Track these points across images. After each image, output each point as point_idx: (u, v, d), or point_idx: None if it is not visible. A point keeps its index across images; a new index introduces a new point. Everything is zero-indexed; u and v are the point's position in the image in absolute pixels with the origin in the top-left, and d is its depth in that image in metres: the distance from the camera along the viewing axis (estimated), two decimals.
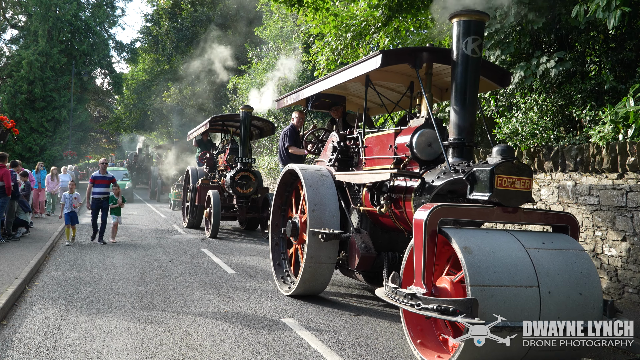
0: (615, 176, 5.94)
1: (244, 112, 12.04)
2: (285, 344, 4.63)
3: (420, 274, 3.85)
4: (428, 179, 4.75)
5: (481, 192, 4.08)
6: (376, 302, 6.33)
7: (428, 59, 5.30)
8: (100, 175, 10.45)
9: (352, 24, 10.78)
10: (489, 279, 3.53)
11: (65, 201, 10.17)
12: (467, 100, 4.61)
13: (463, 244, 3.66)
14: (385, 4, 9.70)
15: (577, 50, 7.87)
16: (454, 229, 3.89)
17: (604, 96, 7.25)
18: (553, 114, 7.58)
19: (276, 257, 7.03)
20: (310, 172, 6.15)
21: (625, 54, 7.26)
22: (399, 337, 4.92)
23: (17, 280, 6.36)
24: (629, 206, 5.74)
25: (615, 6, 5.57)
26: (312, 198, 5.86)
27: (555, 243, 3.94)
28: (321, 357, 4.33)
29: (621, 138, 6.00)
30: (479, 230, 4.10)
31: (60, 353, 4.27)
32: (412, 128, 5.14)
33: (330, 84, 6.28)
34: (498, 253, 3.68)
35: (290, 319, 5.40)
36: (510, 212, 4.13)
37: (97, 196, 10.36)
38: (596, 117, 6.86)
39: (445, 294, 3.91)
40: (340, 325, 5.26)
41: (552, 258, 3.79)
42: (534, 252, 3.78)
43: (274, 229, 7.13)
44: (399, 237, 5.91)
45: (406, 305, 3.81)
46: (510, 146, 4.18)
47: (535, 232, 4.26)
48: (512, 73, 7.23)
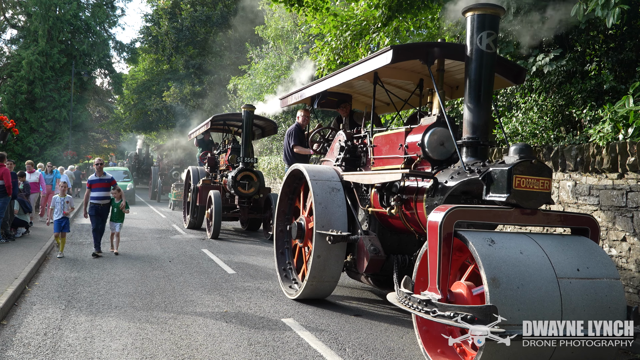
0: (615, 176, 5.93)
1: (246, 112, 11.94)
2: (285, 344, 4.63)
3: (435, 279, 3.70)
4: (441, 180, 4.58)
5: (498, 193, 3.91)
6: (376, 303, 6.33)
7: (440, 55, 5.12)
8: (97, 178, 9.14)
9: (351, 23, 10.78)
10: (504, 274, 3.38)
11: (55, 205, 8.81)
12: (482, 97, 4.44)
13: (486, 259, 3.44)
14: (385, 3, 9.69)
15: (577, 50, 7.87)
16: (471, 232, 3.72)
17: (604, 96, 7.24)
18: (553, 114, 7.57)
19: (282, 265, 6.81)
20: (316, 172, 5.98)
21: (625, 54, 7.25)
22: (399, 337, 4.92)
23: (17, 280, 6.36)
24: (629, 206, 5.74)
25: (614, 4, 5.56)
26: (318, 199, 5.70)
27: (590, 270, 3.67)
28: (321, 357, 4.33)
29: (621, 138, 5.99)
30: (498, 233, 3.89)
31: (60, 353, 4.27)
32: (424, 126, 4.96)
33: (338, 81, 6.04)
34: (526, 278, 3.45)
35: (290, 319, 5.40)
36: (529, 214, 3.94)
37: (96, 202, 9.05)
38: (596, 117, 6.86)
39: (462, 299, 3.75)
40: (340, 325, 5.26)
41: (583, 291, 3.56)
42: (565, 283, 3.54)
43: (279, 236, 6.89)
44: (408, 239, 5.78)
45: (421, 312, 3.65)
46: (528, 145, 3.99)
47: (558, 236, 4.05)
48: (527, 70, 6.99)
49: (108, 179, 9.24)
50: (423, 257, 4.17)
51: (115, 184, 9.35)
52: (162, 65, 37.08)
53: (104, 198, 9.14)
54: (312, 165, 6.43)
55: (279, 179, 18.57)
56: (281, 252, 6.86)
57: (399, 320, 5.52)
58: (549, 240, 3.83)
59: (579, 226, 4.16)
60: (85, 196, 9.21)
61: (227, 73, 27.17)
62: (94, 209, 9.05)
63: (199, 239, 11.59)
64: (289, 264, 6.77)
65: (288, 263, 6.77)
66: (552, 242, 3.82)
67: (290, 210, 6.92)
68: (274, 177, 18.75)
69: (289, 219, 6.90)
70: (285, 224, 6.88)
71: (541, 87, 7.88)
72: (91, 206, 9.05)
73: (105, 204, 9.17)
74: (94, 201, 9.06)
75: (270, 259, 9.13)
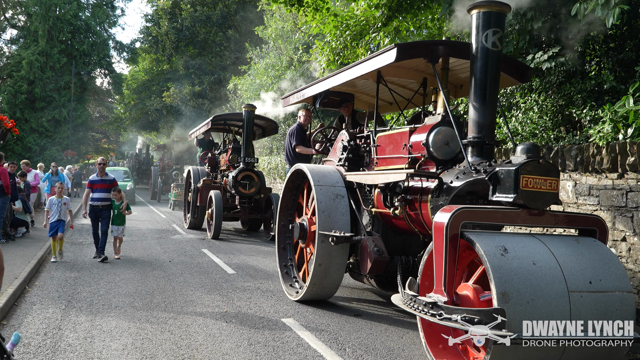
0: (615, 176, 5.93)
1: (246, 111, 11.85)
2: (285, 344, 4.63)
3: (441, 280, 3.62)
4: (446, 180, 4.51)
5: (505, 193, 3.84)
6: (376, 303, 6.33)
7: (444, 53, 5.03)
8: (99, 179, 8.79)
9: (351, 24, 10.78)
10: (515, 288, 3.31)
11: (52, 207, 8.43)
12: (487, 96, 4.37)
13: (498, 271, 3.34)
14: (385, 3, 9.69)
15: (577, 50, 7.87)
16: (479, 235, 3.63)
17: (604, 96, 7.24)
18: (553, 114, 7.58)
19: (283, 261, 6.76)
20: (319, 172, 5.91)
21: (625, 54, 7.25)
22: (398, 337, 4.92)
23: (17, 281, 6.36)
24: (629, 206, 5.74)
25: (614, 4, 5.55)
26: (321, 199, 5.62)
27: (603, 282, 3.55)
28: (321, 357, 4.33)
29: (621, 138, 6.00)
30: (508, 237, 3.77)
31: (60, 353, 4.27)
32: (428, 126, 4.89)
33: (341, 80, 5.95)
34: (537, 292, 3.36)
35: (290, 319, 5.40)
36: (536, 214, 3.86)
37: (96, 203, 8.69)
38: (596, 117, 6.86)
39: (468, 302, 3.68)
40: (340, 325, 5.26)
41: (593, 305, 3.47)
42: (576, 297, 3.44)
43: (281, 231, 6.85)
44: (412, 240, 5.71)
45: (427, 314, 3.59)
46: (536, 144, 3.94)
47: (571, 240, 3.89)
48: (532, 68, 6.88)
49: (110, 180, 8.90)
50: (428, 259, 4.10)
51: (116, 185, 8.97)
52: (162, 65, 37.12)
53: (105, 200, 8.78)
54: (316, 165, 6.33)
55: (279, 179, 18.57)
56: (282, 247, 6.81)
57: (399, 320, 5.52)
58: (563, 248, 3.70)
59: (586, 227, 4.09)
60: (85, 196, 8.84)
61: (227, 73, 27.17)
62: (94, 212, 8.71)
63: (199, 239, 11.59)
64: (290, 260, 6.73)
65: (289, 259, 6.73)
66: (566, 249, 3.70)
67: (294, 206, 6.88)
68: (274, 177, 18.75)
69: (291, 214, 6.84)
70: (288, 219, 6.86)
71: (541, 87, 7.89)
72: (91, 208, 8.71)
73: (106, 205, 8.80)
74: (93, 203, 8.71)
75: (271, 259, 9.13)
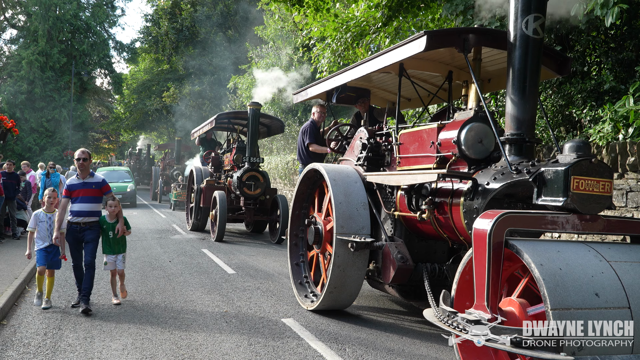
0: (615, 176, 5.94)
1: (252, 109, 11.41)
2: (285, 344, 4.63)
3: (483, 295, 3.22)
4: (481, 181, 4.10)
5: (553, 196, 3.46)
6: (376, 303, 6.33)
7: (477, 42, 4.55)
8: (80, 182, 5.65)
9: (352, 25, 10.77)
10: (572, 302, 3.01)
11: (39, 225, 5.65)
12: (527, 89, 3.98)
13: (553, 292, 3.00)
14: (386, 4, 9.69)
15: (577, 50, 7.88)
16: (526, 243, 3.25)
17: (604, 96, 7.25)
18: (553, 114, 7.58)
19: (297, 279, 6.25)
20: (337, 173, 5.49)
21: (625, 54, 7.26)
22: (399, 337, 4.92)
23: (17, 281, 6.36)
24: (629, 206, 5.74)
25: (613, 3, 5.55)
26: (339, 202, 5.21)
27: None
28: (321, 357, 4.33)
29: (621, 138, 6.00)
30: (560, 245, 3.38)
31: (60, 353, 4.27)
32: (459, 122, 4.45)
33: (359, 73, 5.52)
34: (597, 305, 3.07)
35: (290, 319, 5.40)
36: (588, 220, 3.45)
37: (75, 219, 5.60)
38: (596, 117, 6.86)
39: (514, 318, 3.29)
40: (340, 325, 5.26)
41: None
42: None
43: (293, 247, 6.38)
44: (437, 246, 5.38)
45: (468, 334, 3.18)
46: (587, 142, 3.57)
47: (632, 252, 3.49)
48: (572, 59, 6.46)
49: (97, 183, 5.73)
50: (465, 269, 3.71)
51: (109, 191, 5.82)
52: (162, 65, 37.11)
53: (89, 213, 5.65)
54: (333, 165, 5.92)
55: (279, 179, 18.58)
56: (296, 263, 6.35)
57: (399, 321, 5.53)
58: (626, 265, 3.26)
59: None
60: (60, 209, 5.64)
61: (228, 73, 27.17)
62: (72, 233, 5.64)
63: (199, 239, 11.58)
64: (305, 277, 6.23)
65: (305, 277, 6.22)
66: (631, 266, 3.26)
67: (304, 219, 6.41)
68: (274, 177, 18.76)
69: (303, 230, 6.36)
70: (300, 234, 6.43)
71: (541, 87, 7.89)
72: (69, 228, 5.65)
73: (91, 222, 5.66)
74: (72, 219, 5.62)
75: (271, 259, 9.13)
